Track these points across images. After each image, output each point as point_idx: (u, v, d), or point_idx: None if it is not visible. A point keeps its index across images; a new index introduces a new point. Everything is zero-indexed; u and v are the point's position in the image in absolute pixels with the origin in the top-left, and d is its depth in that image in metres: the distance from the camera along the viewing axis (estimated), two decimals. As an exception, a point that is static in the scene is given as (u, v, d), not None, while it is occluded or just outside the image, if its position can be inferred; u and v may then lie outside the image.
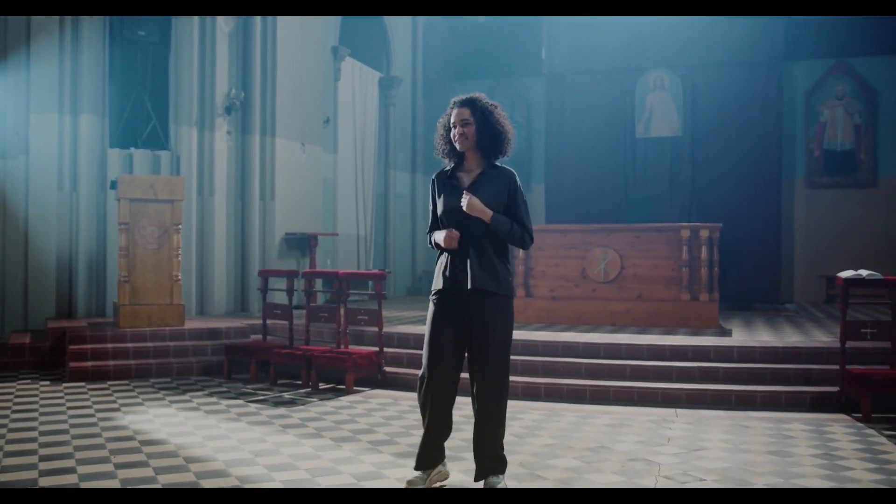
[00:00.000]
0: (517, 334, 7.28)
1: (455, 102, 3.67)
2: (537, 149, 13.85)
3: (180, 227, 7.70)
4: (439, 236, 3.62)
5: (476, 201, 3.50)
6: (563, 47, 13.45)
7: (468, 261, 3.55)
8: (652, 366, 6.38)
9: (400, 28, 13.47)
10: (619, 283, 8.44)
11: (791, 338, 7.10)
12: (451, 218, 3.59)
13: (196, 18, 9.08)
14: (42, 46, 8.55)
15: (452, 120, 3.64)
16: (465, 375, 3.65)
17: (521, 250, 8.49)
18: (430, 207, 3.79)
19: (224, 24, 9.38)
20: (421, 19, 13.92)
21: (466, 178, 3.67)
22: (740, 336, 7.31)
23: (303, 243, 10.31)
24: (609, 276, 8.45)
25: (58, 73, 8.55)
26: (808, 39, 12.37)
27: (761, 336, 7.28)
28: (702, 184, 12.82)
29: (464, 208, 3.51)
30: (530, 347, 6.83)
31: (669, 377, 6.28)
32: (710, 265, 8.10)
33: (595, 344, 6.77)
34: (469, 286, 3.53)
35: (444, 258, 3.65)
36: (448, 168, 3.73)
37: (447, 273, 3.60)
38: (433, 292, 3.67)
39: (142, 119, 9.11)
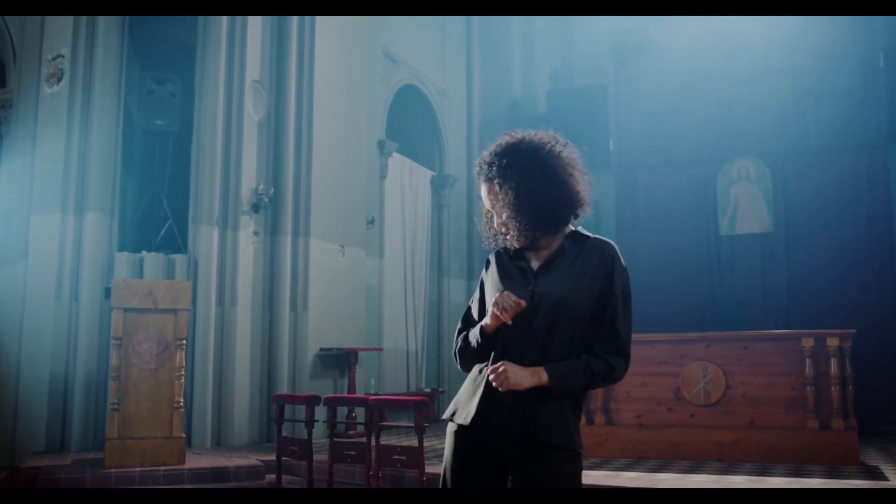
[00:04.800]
0: (598, 476, 5.67)
1: (478, 174, 2.32)
2: (608, 250, 12.41)
3: (184, 342, 6.39)
4: (488, 315, 2.18)
5: (513, 371, 2.06)
6: (633, 138, 12.17)
7: (521, 392, 2.10)
8: (792, 526, 4.65)
9: (453, 123, 12.43)
10: (723, 406, 6.75)
11: (972, 482, 5.30)
12: (518, 319, 2.14)
13: (221, 105, 8.06)
14: (48, 136, 7.62)
15: (487, 206, 2.32)
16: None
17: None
18: (474, 299, 2.37)
19: (253, 112, 8.36)
20: (476, 113, 12.87)
21: (536, 260, 2.26)
22: (898, 478, 5.53)
23: (341, 360, 8.90)
24: (711, 398, 6.78)
25: (63, 166, 7.56)
26: (916, 118, 10.86)
27: (927, 478, 5.49)
28: (800, 285, 11.11)
29: (495, 384, 2.08)
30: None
31: (819, 543, 4.53)
32: (842, 382, 6.38)
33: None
34: (518, 434, 2.09)
35: (481, 372, 2.20)
36: (512, 247, 2.32)
37: (481, 400, 2.15)
38: (454, 418, 2.22)
39: (157, 218, 8.03)
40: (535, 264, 2.24)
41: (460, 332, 2.33)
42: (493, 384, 2.07)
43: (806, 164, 11.22)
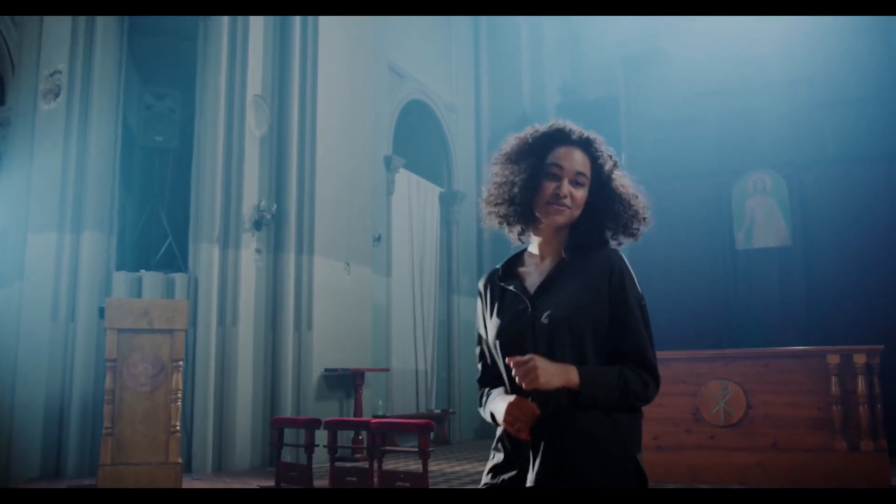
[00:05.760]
0: None
1: (562, 133, 1.94)
2: (621, 266, 12.12)
3: (181, 363, 6.15)
4: (497, 407, 1.85)
5: (543, 367, 1.72)
6: (645, 150, 11.91)
7: (556, 433, 1.77)
8: (823, 556, 4.34)
9: (462, 138, 12.22)
10: (745, 426, 6.44)
11: None
12: (508, 350, 1.86)
13: (222, 120, 7.87)
14: (45, 154, 7.45)
15: (561, 164, 1.91)
16: None
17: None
18: (478, 337, 2.02)
19: (255, 128, 8.16)
20: (485, 127, 12.65)
21: (536, 272, 1.95)
22: (934, 503, 5.19)
23: (347, 381, 8.64)
24: (731, 419, 6.47)
25: (60, 184, 7.38)
26: (938, 127, 10.57)
27: (965, 503, 5.15)
28: (821, 299, 10.76)
29: (523, 385, 1.73)
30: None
31: (852, 575, 4.22)
32: (871, 401, 6.06)
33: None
34: (536, 479, 1.76)
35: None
36: (502, 265, 2.02)
37: (512, 453, 1.84)
38: (488, 472, 1.88)
39: (156, 236, 7.83)
40: (531, 282, 1.94)
41: (481, 381, 2.02)
42: (518, 380, 1.74)
43: (823, 175, 10.91)
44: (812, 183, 10.96)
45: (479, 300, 2.03)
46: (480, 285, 2.03)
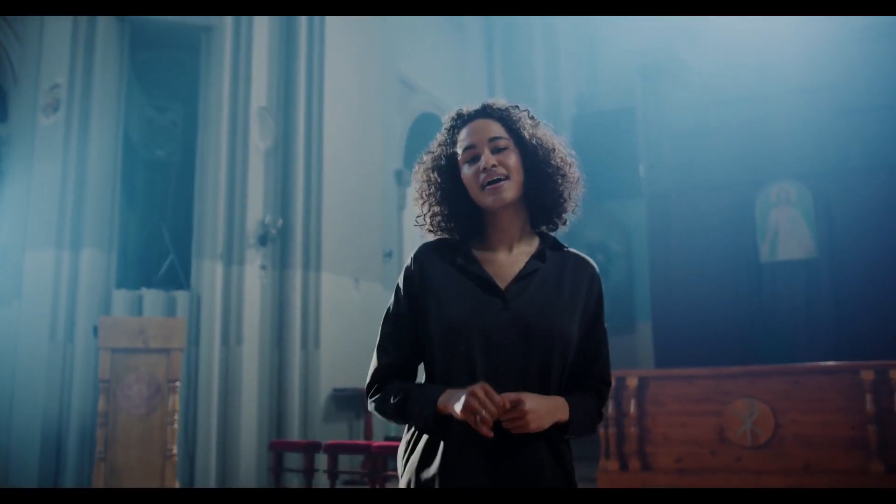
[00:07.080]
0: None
1: (459, 118, 1.80)
2: (640, 280, 11.79)
3: (178, 384, 5.89)
4: (453, 400, 1.57)
5: (535, 409, 1.54)
6: (665, 162, 11.58)
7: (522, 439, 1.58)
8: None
9: (474, 151, 11.95)
10: (773, 447, 6.06)
11: None
12: (481, 355, 1.62)
13: (225, 133, 7.65)
14: (44, 169, 7.27)
15: (470, 141, 1.73)
16: None
17: (632, 401, 6.32)
18: (390, 321, 1.81)
19: (259, 140, 7.94)
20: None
21: (505, 263, 1.71)
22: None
23: (356, 401, 8.34)
24: (759, 439, 6.09)
25: (59, 199, 7.18)
26: (969, 133, 10.19)
27: None
28: (848, 314, 10.35)
29: (508, 425, 1.58)
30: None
31: None
32: (909, 420, 5.69)
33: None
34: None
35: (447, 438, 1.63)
36: (447, 238, 1.79)
37: (471, 462, 1.59)
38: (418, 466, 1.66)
39: (157, 253, 7.60)
40: (497, 273, 1.69)
41: (381, 375, 1.78)
42: (504, 425, 1.53)
43: (849, 184, 10.54)
44: (837, 193, 10.59)
45: (416, 270, 1.75)
46: (414, 258, 1.78)
